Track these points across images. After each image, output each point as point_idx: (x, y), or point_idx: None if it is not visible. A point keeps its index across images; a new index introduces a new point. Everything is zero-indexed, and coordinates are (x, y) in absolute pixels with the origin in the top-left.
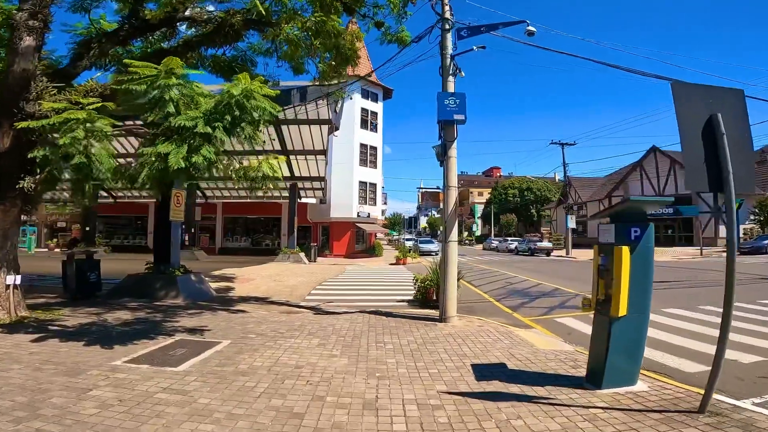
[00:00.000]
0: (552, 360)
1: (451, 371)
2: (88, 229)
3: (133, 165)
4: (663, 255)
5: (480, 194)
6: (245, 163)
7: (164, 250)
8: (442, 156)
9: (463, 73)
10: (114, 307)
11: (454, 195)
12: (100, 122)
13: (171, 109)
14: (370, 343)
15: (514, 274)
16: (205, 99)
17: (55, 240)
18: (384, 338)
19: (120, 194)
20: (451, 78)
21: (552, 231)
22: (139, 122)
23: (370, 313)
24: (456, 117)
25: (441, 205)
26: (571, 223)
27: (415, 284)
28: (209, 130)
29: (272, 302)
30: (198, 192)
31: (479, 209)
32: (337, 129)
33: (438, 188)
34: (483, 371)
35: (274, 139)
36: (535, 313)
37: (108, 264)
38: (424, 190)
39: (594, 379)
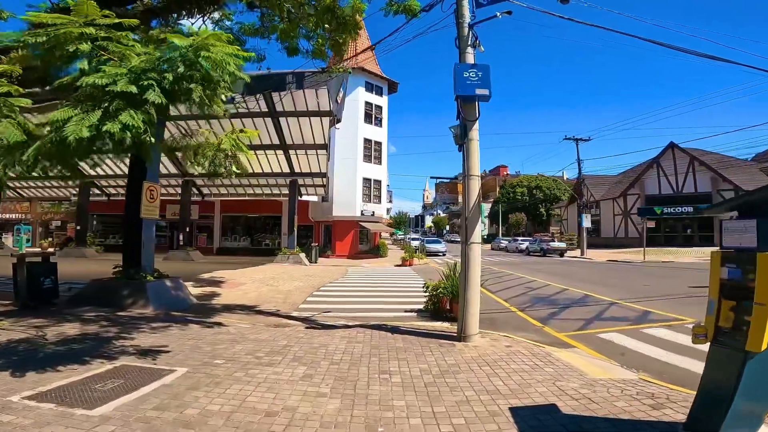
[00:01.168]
0: (619, 396)
1: (484, 420)
2: (79, 228)
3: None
4: (685, 256)
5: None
6: (202, 139)
7: (135, 252)
8: (462, 138)
9: (482, 48)
10: (66, 318)
11: (476, 186)
12: None
13: (84, 65)
14: (371, 373)
15: (532, 277)
16: (140, 57)
17: (49, 239)
18: (389, 365)
19: (114, 192)
20: (469, 50)
21: (563, 230)
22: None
23: (372, 327)
24: (478, 92)
25: (460, 198)
26: (586, 222)
27: (425, 292)
28: (134, 89)
29: (260, 312)
30: (194, 189)
31: (486, 208)
32: (338, 121)
33: (456, 178)
34: (528, 420)
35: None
36: (571, 326)
37: (93, 265)
38: (439, 180)
39: (702, 426)
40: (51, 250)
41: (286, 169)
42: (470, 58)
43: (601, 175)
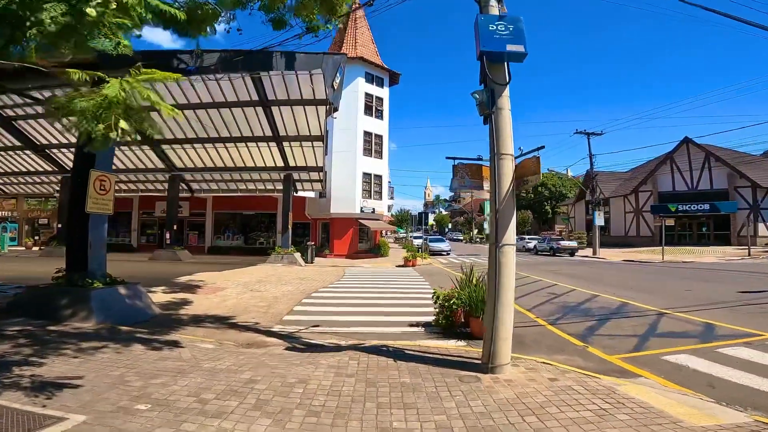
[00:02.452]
0: None
1: None
2: (61, 225)
3: None
4: (705, 255)
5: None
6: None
7: (80, 254)
8: (488, 107)
9: (505, 9)
10: None
11: (509, 167)
12: None
13: None
14: (366, 430)
15: (552, 280)
16: None
17: (36, 237)
18: (392, 415)
19: None
20: (493, 1)
21: (572, 228)
22: None
23: (369, 351)
24: (510, 48)
25: (485, 185)
26: (599, 220)
27: (435, 302)
28: None
29: (233, 325)
30: (183, 185)
31: (487, 205)
32: (335, 110)
33: (480, 159)
34: None
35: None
36: (623, 346)
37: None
38: (458, 161)
39: None
40: (36, 248)
41: (280, 163)
42: (494, 11)
43: (610, 171)
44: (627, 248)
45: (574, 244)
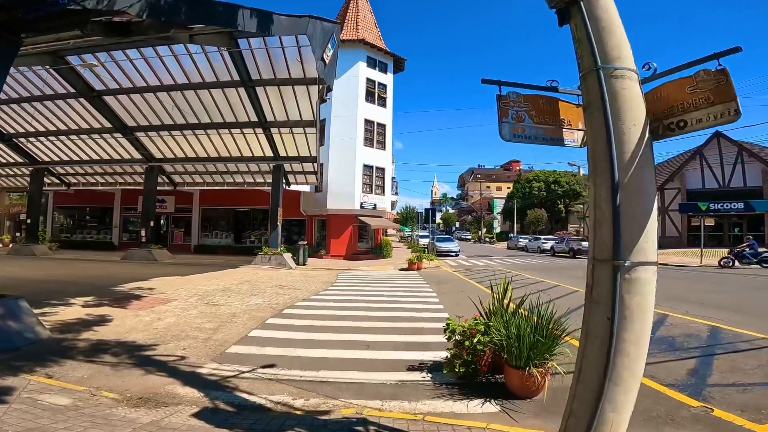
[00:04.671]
0: None
1: None
2: (30, 221)
3: None
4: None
5: (498, 189)
6: None
7: None
8: None
9: None
10: None
11: (634, 93)
12: None
13: None
14: None
15: None
16: None
17: (18, 234)
18: None
19: (74, 181)
20: None
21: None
22: None
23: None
24: None
25: (566, 134)
26: None
27: (449, 337)
28: None
29: (146, 361)
30: (163, 177)
31: (499, 205)
32: (329, 90)
33: (552, 84)
34: None
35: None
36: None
37: (28, 267)
38: (510, 90)
39: None
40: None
41: (269, 152)
42: None
43: None
44: None
45: None
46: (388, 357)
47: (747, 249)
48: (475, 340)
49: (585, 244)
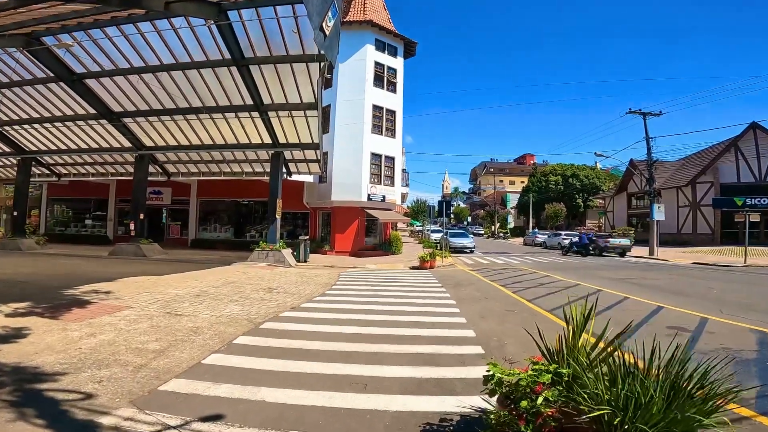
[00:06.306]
0: None
1: None
2: (16, 213)
3: None
4: None
5: (512, 183)
6: None
7: None
8: None
9: None
10: None
11: None
12: None
13: None
14: None
15: (646, 298)
16: None
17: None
18: None
19: (65, 171)
20: None
21: (612, 223)
22: None
23: None
24: None
25: None
26: (659, 215)
27: (491, 391)
28: None
29: (32, 400)
30: (156, 167)
31: (512, 199)
32: (331, 69)
33: None
34: None
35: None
36: None
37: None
38: None
39: None
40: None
41: (267, 139)
42: None
43: (659, 160)
44: (683, 247)
45: (626, 242)
46: (393, 406)
47: None
48: (539, 400)
49: (613, 241)
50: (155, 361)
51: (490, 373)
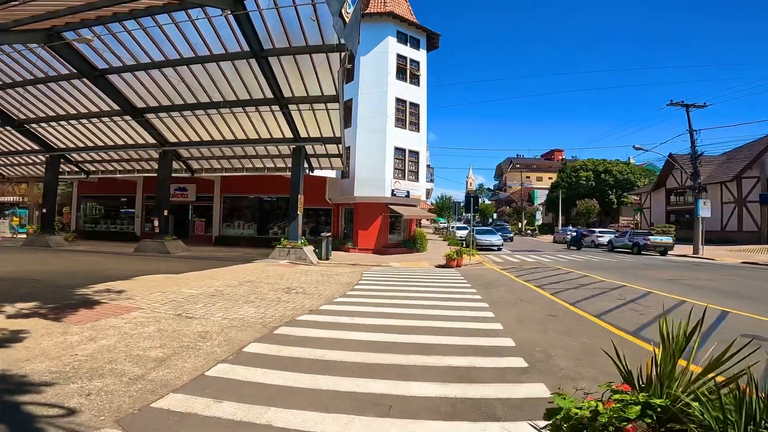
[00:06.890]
0: None
1: None
2: (45, 210)
3: None
4: None
5: (539, 179)
6: None
7: None
8: None
9: None
10: None
11: None
12: None
13: None
14: None
15: (702, 302)
16: None
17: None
18: None
19: (92, 168)
20: None
21: (649, 221)
22: None
23: None
24: None
25: None
26: (705, 212)
27: (554, 429)
28: None
29: (9, 415)
30: (180, 163)
31: (540, 195)
32: (352, 59)
33: None
34: None
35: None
36: None
37: (26, 260)
38: None
39: None
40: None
41: (289, 134)
42: None
43: (704, 154)
44: (727, 245)
45: (668, 239)
46: None
47: None
48: None
49: (654, 239)
50: (155, 371)
51: (557, 409)
